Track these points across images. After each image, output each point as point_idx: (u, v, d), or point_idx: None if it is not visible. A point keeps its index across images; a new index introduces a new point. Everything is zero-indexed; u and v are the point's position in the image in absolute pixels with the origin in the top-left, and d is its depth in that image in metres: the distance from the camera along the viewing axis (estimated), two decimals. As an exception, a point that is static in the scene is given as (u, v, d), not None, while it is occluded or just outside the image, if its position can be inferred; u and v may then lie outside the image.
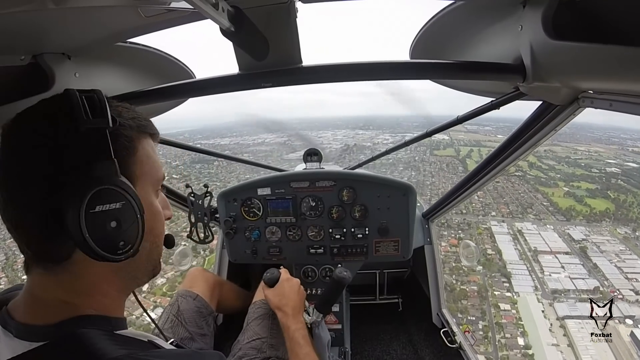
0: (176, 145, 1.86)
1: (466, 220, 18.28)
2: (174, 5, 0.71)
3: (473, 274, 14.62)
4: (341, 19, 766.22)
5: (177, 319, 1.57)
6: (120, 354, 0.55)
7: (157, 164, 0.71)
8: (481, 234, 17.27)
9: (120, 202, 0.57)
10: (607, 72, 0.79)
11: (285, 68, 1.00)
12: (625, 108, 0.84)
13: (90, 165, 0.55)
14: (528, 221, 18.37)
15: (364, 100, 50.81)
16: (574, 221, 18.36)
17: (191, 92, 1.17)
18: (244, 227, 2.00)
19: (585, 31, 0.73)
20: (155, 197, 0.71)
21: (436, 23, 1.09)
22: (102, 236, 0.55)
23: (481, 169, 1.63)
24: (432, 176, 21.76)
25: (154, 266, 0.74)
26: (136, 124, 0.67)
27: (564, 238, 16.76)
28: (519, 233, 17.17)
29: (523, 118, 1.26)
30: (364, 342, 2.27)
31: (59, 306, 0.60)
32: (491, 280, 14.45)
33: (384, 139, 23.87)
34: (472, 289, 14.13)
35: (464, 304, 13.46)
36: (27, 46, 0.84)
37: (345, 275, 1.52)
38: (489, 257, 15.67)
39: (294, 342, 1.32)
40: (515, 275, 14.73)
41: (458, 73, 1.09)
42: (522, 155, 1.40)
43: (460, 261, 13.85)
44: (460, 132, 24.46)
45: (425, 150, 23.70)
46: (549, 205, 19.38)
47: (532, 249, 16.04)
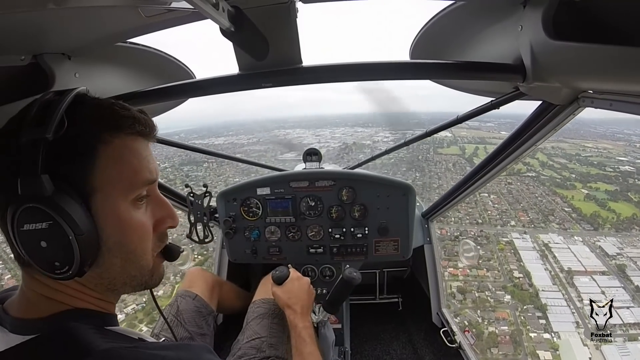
0: (176, 145, 1.86)
1: (483, 232, 15.98)
2: (174, 5, 0.71)
3: (501, 308, 11.98)
4: (341, 19, 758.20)
5: (176, 319, 1.57)
6: (107, 346, 0.56)
7: (135, 168, 0.62)
8: (503, 250, 14.76)
9: (46, 221, 0.52)
10: (607, 72, 0.79)
11: (286, 68, 1.00)
12: (625, 108, 0.84)
13: (20, 182, 0.52)
14: (553, 232, 16.08)
15: (365, 97, 50.05)
16: (602, 230, 16.14)
17: (191, 92, 1.17)
18: (243, 226, 2.00)
19: (585, 31, 0.73)
20: (132, 208, 0.62)
21: (436, 23, 1.09)
22: (36, 255, 0.54)
23: (481, 169, 1.63)
24: (438, 178, 19.89)
25: (139, 282, 0.67)
26: (106, 124, 0.59)
27: (597, 253, 14.39)
28: (546, 248, 14.83)
29: (525, 114, 1.25)
30: (364, 341, 2.27)
31: (46, 302, 0.61)
32: (524, 316, 11.73)
33: (384, 136, 22.80)
34: (502, 330, 11.34)
35: (494, 356, 10.34)
36: (27, 46, 0.84)
37: (355, 275, 1.51)
38: (516, 283, 13.12)
39: (300, 339, 1.32)
40: (551, 307, 11.97)
41: (458, 73, 1.09)
42: (521, 155, 1.40)
43: (484, 290, 12.27)
44: (463, 129, 23.02)
45: (429, 148, 22.33)
46: (571, 211, 17.44)
47: (566, 270, 13.50)
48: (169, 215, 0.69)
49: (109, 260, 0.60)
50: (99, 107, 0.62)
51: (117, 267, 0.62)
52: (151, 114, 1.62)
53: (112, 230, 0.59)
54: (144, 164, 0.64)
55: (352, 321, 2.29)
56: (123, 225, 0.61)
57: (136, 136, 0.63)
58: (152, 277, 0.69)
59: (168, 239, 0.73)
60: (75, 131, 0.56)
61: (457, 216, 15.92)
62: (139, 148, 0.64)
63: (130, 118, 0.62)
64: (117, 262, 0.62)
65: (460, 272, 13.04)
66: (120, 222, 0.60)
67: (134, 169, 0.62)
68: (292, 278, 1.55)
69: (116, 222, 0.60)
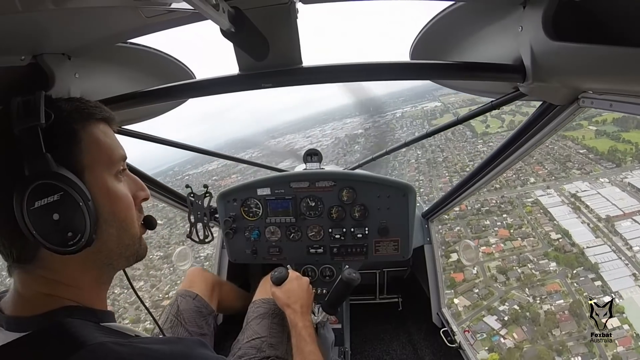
0: (176, 146, 1.86)
1: (505, 197, 14.24)
2: (174, 6, 0.71)
3: (550, 279, 10.53)
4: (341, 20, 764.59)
5: (176, 319, 1.57)
6: (102, 340, 0.58)
7: (110, 147, 0.71)
8: (532, 212, 13.00)
9: (58, 193, 0.58)
10: (607, 72, 0.79)
11: (286, 68, 1.00)
12: (625, 108, 0.83)
13: (25, 164, 0.57)
14: (576, 180, 14.38)
15: (341, 88, 48.85)
16: (625, 165, 14.44)
17: (191, 93, 1.17)
18: (243, 227, 2.00)
19: (585, 31, 0.73)
20: (115, 181, 0.70)
21: (436, 24, 1.09)
22: (49, 230, 0.58)
23: (482, 169, 1.63)
24: (441, 150, 18.50)
25: (132, 251, 0.74)
26: (80, 114, 0.67)
27: (628, 191, 12.79)
28: (575, 199, 13.17)
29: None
30: (364, 342, 2.27)
31: (42, 298, 0.63)
32: (576, 283, 10.32)
33: (374, 121, 22.67)
34: (559, 305, 9.88)
35: (558, 338, 8.55)
36: (27, 46, 0.84)
37: (354, 276, 1.51)
38: (557, 246, 11.45)
39: (301, 338, 1.32)
40: (602, 264, 10.43)
41: (458, 73, 1.09)
42: (522, 155, 1.40)
43: (525, 263, 10.79)
44: (451, 95, 21.37)
45: (422, 122, 21.21)
46: (587, 152, 15.75)
47: (604, 218, 11.92)
48: (141, 188, 0.79)
49: (106, 231, 0.67)
50: (70, 101, 0.70)
51: (114, 236, 0.69)
52: (151, 114, 1.63)
53: (105, 201, 0.66)
54: (116, 143, 0.73)
55: (353, 321, 2.29)
56: (112, 196, 0.68)
57: (104, 122, 0.72)
58: (140, 246, 0.77)
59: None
60: (58, 120, 0.63)
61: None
62: (108, 131, 0.73)
63: (97, 107, 0.71)
64: (113, 232, 0.69)
65: (494, 249, 11.59)
66: (110, 193, 0.68)
67: (111, 147, 0.71)
68: (291, 278, 1.55)
69: (106, 193, 0.67)
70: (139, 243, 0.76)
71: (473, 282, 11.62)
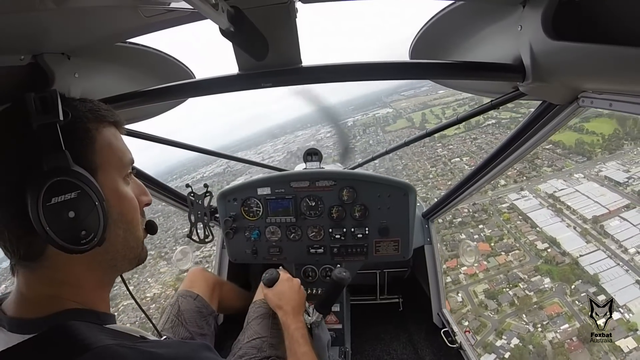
0: (176, 145, 1.86)
1: (477, 204, 13.20)
2: (173, 6, 0.71)
3: (547, 300, 9.25)
4: (341, 19, 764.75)
5: (177, 319, 1.57)
6: (108, 343, 0.57)
7: (121, 150, 0.72)
8: (510, 220, 11.69)
9: (75, 191, 0.58)
10: (607, 72, 0.79)
11: (285, 68, 1.00)
12: (625, 108, 0.83)
13: (43, 160, 0.57)
14: (549, 178, 13.42)
15: (295, 99, 47.33)
16: (596, 158, 13.72)
17: (191, 92, 1.17)
18: (243, 226, 2.00)
19: (585, 31, 0.73)
20: (123, 183, 0.71)
21: (436, 23, 1.09)
22: (63, 228, 0.57)
23: (481, 169, 1.63)
24: (399, 157, 17.67)
25: (135, 254, 0.75)
26: (94, 115, 0.68)
27: (607, 185, 11.94)
28: (553, 199, 12.20)
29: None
30: (364, 342, 2.27)
31: (45, 300, 0.63)
32: (578, 301, 9.05)
33: (326, 131, 20.96)
34: (564, 332, 8.41)
35: None
36: (27, 46, 0.84)
37: (344, 275, 1.52)
38: (546, 257, 10.18)
39: (293, 340, 1.33)
40: (601, 274, 9.27)
41: (458, 73, 1.09)
42: (522, 155, 1.40)
43: (516, 284, 9.49)
44: (401, 101, 21.28)
45: (376, 129, 20.57)
46: (554, 147, 14.96)
47: (589, 219, 10.87)
48: (144, 192, 0.79)
49: (114, 232, 0.67)
50: (83, 102, 0.71)
51: (120, 238, 0.70)
52: (151, 114, 1.63)
53: (115, 202, 0.67)
54: (125, 147, 0.74)
55: (353, 321, 2.29)
56: (121, 198, 0.70)
57: (114, 125, 0.74)
58: (142, 250, 0.78)
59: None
60: (74, 119, 0.64)
61: (438, 194, 12.88)
62: (118, 135, 0.74)
63: (108, 110, 0.72)
64: (120, 234, 0.69)
65: (477, 268, 10.39)
66: (119, 195, 0.69)
67: (122, 150, 0.72)
68: (282, 280, 1.56)
69: (116, 195, 0.68)
70: (141, 246, 0.77)
71: (460, 313, 10.30)
